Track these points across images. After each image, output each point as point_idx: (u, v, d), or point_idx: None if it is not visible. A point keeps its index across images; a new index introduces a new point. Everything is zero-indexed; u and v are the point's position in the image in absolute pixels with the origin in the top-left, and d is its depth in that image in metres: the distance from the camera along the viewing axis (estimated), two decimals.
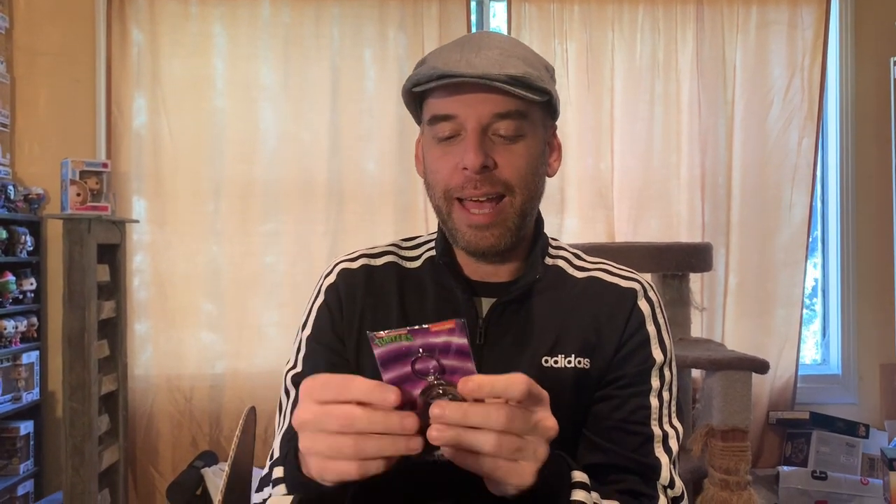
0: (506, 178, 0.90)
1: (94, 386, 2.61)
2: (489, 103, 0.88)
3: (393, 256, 1.02)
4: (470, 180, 0.89)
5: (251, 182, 3.11)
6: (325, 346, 0.97)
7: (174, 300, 3.08)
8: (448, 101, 0.89)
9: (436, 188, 0.94)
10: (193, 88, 3.10)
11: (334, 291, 0.99)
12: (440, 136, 0.91)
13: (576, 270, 1.01)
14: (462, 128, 0.90)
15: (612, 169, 3.21)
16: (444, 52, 0.91)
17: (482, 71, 0.86)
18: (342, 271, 1.01)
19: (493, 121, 0.89)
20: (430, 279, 0.99)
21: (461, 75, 0.86)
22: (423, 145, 0.98)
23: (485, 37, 0.93)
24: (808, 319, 3.47)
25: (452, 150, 0.91)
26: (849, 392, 3.35)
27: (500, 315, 0.95)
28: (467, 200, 0.91)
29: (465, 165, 0.89)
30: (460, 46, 0.91)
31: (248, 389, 3.07)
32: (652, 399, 0.94)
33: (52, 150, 3.04)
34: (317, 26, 3.14)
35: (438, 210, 0.95)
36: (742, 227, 3.24)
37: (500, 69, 0.86)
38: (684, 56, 3.24)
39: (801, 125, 3.27)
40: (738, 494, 2.23)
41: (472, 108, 0.88)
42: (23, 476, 2.84)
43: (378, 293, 0.99)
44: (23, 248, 2.86)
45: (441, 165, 0.92)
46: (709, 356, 2.31)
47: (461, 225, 0.92)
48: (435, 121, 0.91)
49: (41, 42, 3.08)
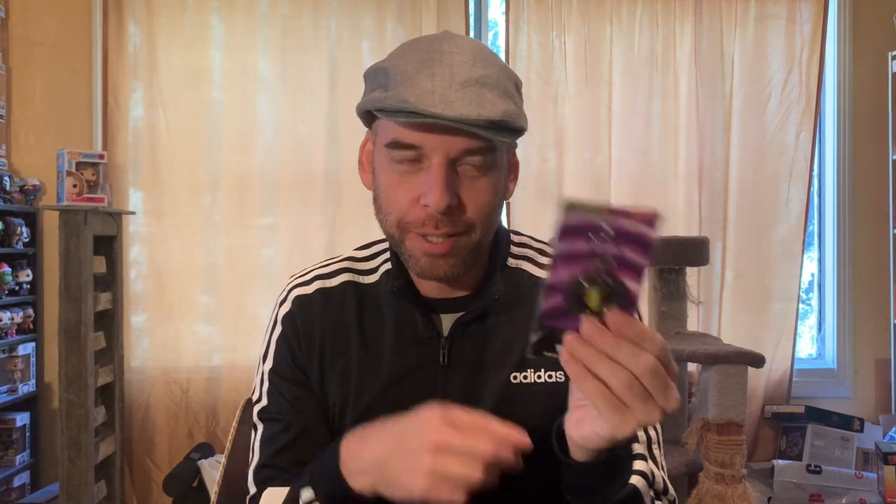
0: (468, 217, 0.84)
1: (90, 378, 2.61)
2: (459, 141, 0.81)
3: (349, 274, 0.98)
4: (431, 218, 0.83)
5: (248, 174, 3.10)
6: (287, 381, 0.94)
7: (171, 292, 3.07)
8: (414, 132, 0.82)
9: (388, 215, 0.87)
10: (190, 79, 3.09)
11: (291, 321, 0.96)
12: (399, 161, 0.84)
13: (541, 270, 0.96)
14: (425, 157, 0.83)
15: (610, 162, 3.20)
16: (411, 75, 0.81)
17: (458, 113, 0.78)
18: (297, 298, 0.97)
19: (461, 156, 0.82)
20: (387, 296, 0.94)
21: (436, 116, 0.78)
22: (376, 161, 0.89)
23: (449, 47, 0.84)
24: (804, 314, 3.47)
25: (412, 180, 0.84)
26: (844, 386, 3.37)
27: (462, 334, 0.91)
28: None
29: (428, 203, 0.82)
30: (429, 66, 0.81)
31: (244, 382, 3.07)
32: None
33: (48, 141, 3.02)
34: (315, 17, 3.13)
35: (389, 235, 0.89)
36: (739, 221, 3.25)
37: (477, 111, 0.79)
38: (682, 50, 3.23)
39: (799, 119, 3.27)
40: (733, 488, 2.24)
41: (440, 143, 0.81)
42: (19, 467, 2.84)
43: (336, 319, 0.95)
44: (19, 239, 2.86)
45: (397, 194, 0.85)
46: (705, 350, 2.32)
47: (416, 252, 0.86)
48: (396, 146, 0.83)
49: (37, 32, 3.07)
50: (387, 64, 0.86)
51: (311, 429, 0.92)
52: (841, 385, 3.37)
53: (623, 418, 0.63)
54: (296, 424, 0.92)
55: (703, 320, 3.21)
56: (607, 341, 0.61)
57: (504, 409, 0.80)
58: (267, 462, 0.92)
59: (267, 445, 0.93)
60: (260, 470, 0.92)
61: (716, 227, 3.23)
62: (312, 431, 0.92)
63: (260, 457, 0.93)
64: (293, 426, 0.92)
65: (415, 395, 0.83)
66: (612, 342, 0.60)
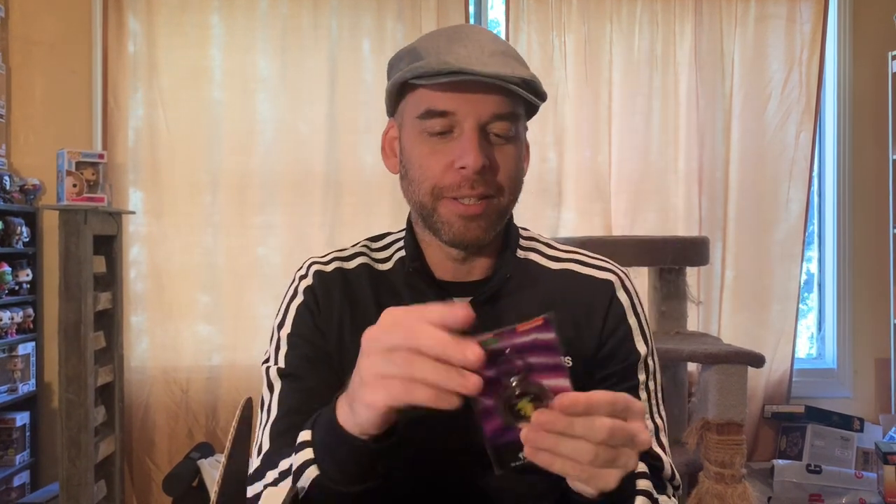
0: (499, 180, 0.90)
1: (90, 377, 2.61)
2: (490, 103, 0.87)
3: (364, 258, 1.00)
4: (467, 180, 0.87)
5: (248, 174, 3.10)
6: (306, 341, 0.95)
7: (170, 292, 3.07)
8: (448, 96, 0.87)
9: (421, 184, 0.91)
10: (190, 79, 3.09)
11: (311, 293, 0.97)
12: (431, 132, 0.89)
13: (549, 261, 1.00)
14: (457, 125, 0.88)
15: (610, 162, 3.21)
16: (444, 44, 0.88)
17: (495, 70, 0.84)
18: (317, 272, 0.99)
19: (491, 120, 0.88)
20: (402, 282, 0.97)
21: (477, 73, 0.84)
22: (405, 138, 0.93)
23: (473, 31, 0.91)
24: (804, 314, 3.47)
25: (445, 147, 0.88)
26: (844, 386, 3.37)
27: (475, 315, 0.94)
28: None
29: (464, 165, 0.87)
30: (458, 41, 0.88)
31: (244, 381, 3.07)
32: (641, 393, 0.94)
33: (48, 140, 3.02)
34: (315, 17, 3.13)
35: (421, 205, 0.92)
36: (739, 221, 3.25)
37: (511, 71, 0.85)
38: (682, 49, 3.23)
39: (799, 119, 3.27)
40: (732, 487, 2.24)
41: (472, 107, 0.87)
42: (19, 467, 2.84)
43: (354, 297, 0.97)
44: (19, 238, 2.86)
45: (430, 162, 0.89)
46: (705, 350, 2.32)
47: (450, 216, 0.90)
48: (429, 115, 0.88)
49: (37, 32, 3.07)
50: (416, 44, 0.92)
51: (330, 383, 0.92)
52: (841, 385, 3.37)
53: (603, 478, 0.65)
54: (315, 379, 0.93)
55: (702, 320, 3.21)
56: (561, 424, 0.63)
57: None
58: (284, 416, 0.92)
59: (285, 400, 0.93)
60: (276, 423, 0.92)
61: (716, 227, 3.23)
62: (332, 386, 0.92)
63: (278, 411, 0.93)
64: (312, 380, 0.93)
65: None
66: (565, 423, 0.63)
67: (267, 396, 0.95)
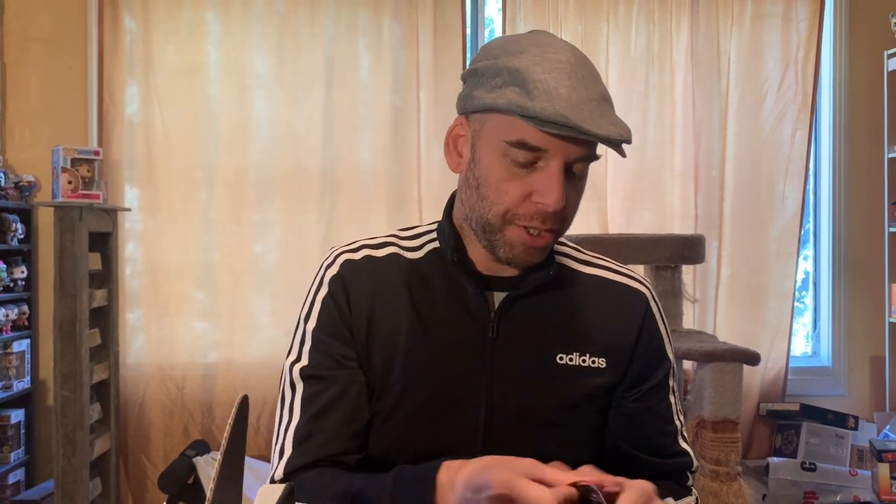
0: (567, 213, 0.92)
1: (85, 374, 2.60)
2: (580, 148, 0.88)
3: (394, 248, 1.01)
4: (540, 214, 0.89)
5: (244, 171, 3.09)
6: (333, 338, 0.96)
7: (166, 289, 3.06)
8: (546, 137, 0.87)
9: (495, 206, 0.91)
10: (186, 76, 3.08)
11: (339, 283, 0.97)
12: (516, 160, 0.88)
13: (581, 265, 1.03)
14: (543, 159, 0.88)
15: (606, 160, 3.21)
16: (552, 86, 0.85)
17: (606, 133, 0.85)
18: (346, 262, 0.99)
19: (576, 161, 0.90)
20: (434, 271, 0.98)
21: (589, 134, 0.85)
22: (485, 154, 0.91)
23: (564, 52, 0.89)
24: (799, 312, 3.48)
25: (525, 177, 0.89)
26: (839, 384, 3.37)
27: (511, 308, 0.96)
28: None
29: (545, 202, 0.88)
30: (560, 76, 0.86)
31: (240, 378, 3.06)
32: (671, 397, 1.02)
33: (43, 137, 3.01)
34: (311, 14, 3.12)
35: (486, 222, 0.92)
36: (735, 220, 3.25)
37: (619, 132, 0.87)
38: (679, 47, 3.23)
39: (795, 118, 3.27)
40: (728, 485, 2.24)
41: (563, 148, 0.88)
42: (14, 464, 2.84)
43: (385, 285, 0.98)
44: (14, 235, 2.85)
45: (509, 188, 0.89)
46: (700, 347, 2.32)
47: (515, 241, 0.91)
48: (521, 146, 0.87)
49: (32, 28, 3.05)
50: (517, 63, 0.87)
51: (353, 388, 0.95)
52: (836, 383, 3.38)
53: None
54: (339, 382, 0.94)
55: (698, 318, 3.21)
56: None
57: (548, 387, 0.94)
58: (306, 421, 0.94)
59: (308, 404, 0.94)
60: (299, 428, 0.94)
61: (712, 225, 3.23)
62: (354, 391, 0.95)
63: (301, 415, 0.94)
64: (336, 384, 0.94)
65: (462, 364, 0.94)
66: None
67: (289, 395, 0.96)
